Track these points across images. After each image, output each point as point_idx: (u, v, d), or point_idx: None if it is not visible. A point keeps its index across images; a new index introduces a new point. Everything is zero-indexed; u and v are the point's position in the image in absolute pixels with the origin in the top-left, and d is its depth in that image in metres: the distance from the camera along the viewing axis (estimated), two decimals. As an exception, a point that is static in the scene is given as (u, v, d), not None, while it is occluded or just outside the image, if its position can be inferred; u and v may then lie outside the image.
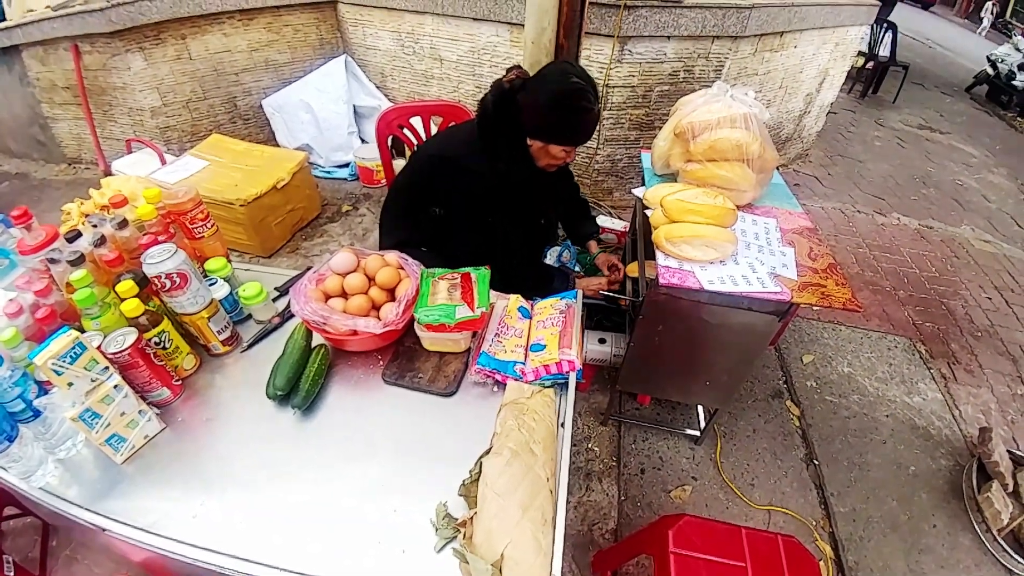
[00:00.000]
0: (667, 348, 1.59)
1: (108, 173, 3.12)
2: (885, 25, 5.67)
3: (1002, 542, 1.69)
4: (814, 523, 1.77)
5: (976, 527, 1.77)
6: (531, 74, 1.47)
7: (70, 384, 0.86)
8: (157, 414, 1.00)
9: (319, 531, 0.86)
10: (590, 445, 1.96)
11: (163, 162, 2.78)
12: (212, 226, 1.25)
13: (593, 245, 2.00)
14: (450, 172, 1.49)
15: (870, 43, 5.79)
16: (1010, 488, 1.79)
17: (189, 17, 3.07)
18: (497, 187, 1.49)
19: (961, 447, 2.07)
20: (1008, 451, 1.90)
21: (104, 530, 0.83)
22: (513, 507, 0.82)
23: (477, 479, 0.88)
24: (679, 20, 2.69)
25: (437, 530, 0.85)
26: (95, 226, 1.12)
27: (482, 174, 1.48)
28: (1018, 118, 6.49)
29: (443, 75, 3.45)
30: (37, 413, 0.91)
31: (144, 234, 1.11)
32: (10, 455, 0.88)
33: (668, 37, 2.76)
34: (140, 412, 0.95)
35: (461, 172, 1.48)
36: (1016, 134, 6.07)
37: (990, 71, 7.04)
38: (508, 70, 1.46)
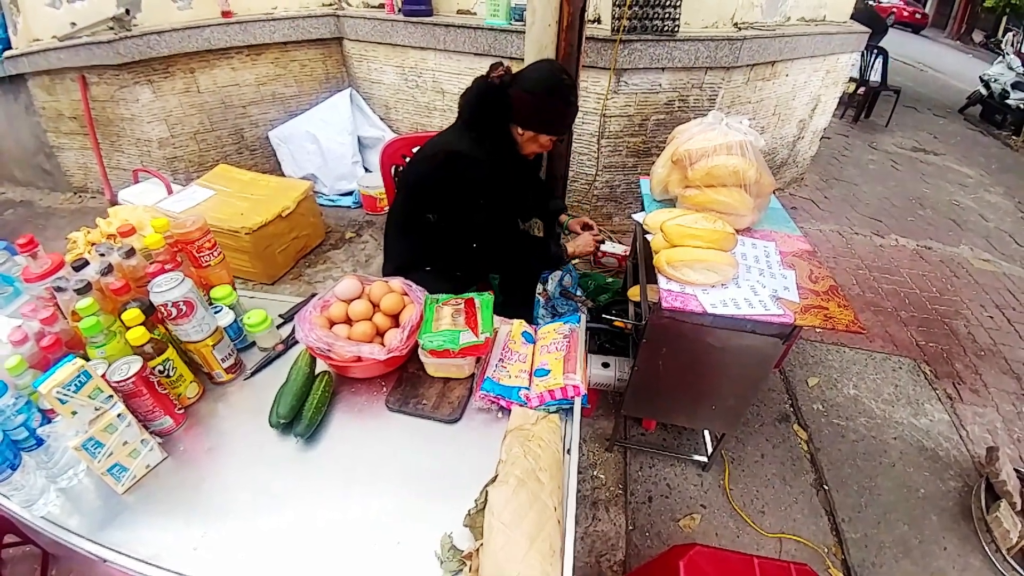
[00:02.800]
0: (671, 372, 1.58)
1: (114, 202, 3.18)
2: (876, 51, 5.83)
3: (1012, 561, 1.67)
4: (826, 550, 1.73)
5: (986, 547, 1.74)
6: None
7: (74, 413, 0.85)
8: (159, 443, 0.99)
9: (321, 564, 0.84)
10: (596, 472, 1.93)
11: (170, 192, 2.82)
12: (219, 254, 1.26)
13: (564, 217, 2.05)
14: (454, 164, 1.53)
15: (861, 69, 5.93)
16: (1018, 507, 1.76)
17: (198, 52, 3.17)
18: (492, 171, 1.56)
19: (969, 467, 2.04)
20: (1015, 470, 1.87)
21: (105, 561, 0.82)
22: (520, 538, 0.80)
23: (483, 509, 0.86)
24: (673, 53, 2.77)
25: (442, 563, 0.83)
26: (102, 255, 1.13)
27: (480, 160, 1.54)
28: (1013, 137, 6.58)
29: (445, 107, 3.54)
30: (40, 441, 0.90)
31: (151, 263, 1.12)
32: (12, 483, 0.87)
33: (662, 69, 2.84)
34: (142, 441, 0.94)
35: (465, 163, 1.53)
36: (1011, 153, 6.15)
37: (983, 91, 7.16)
38: (492, 67, 1.52)
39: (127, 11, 2.92)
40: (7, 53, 3.27)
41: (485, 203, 1.57)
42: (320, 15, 3.57)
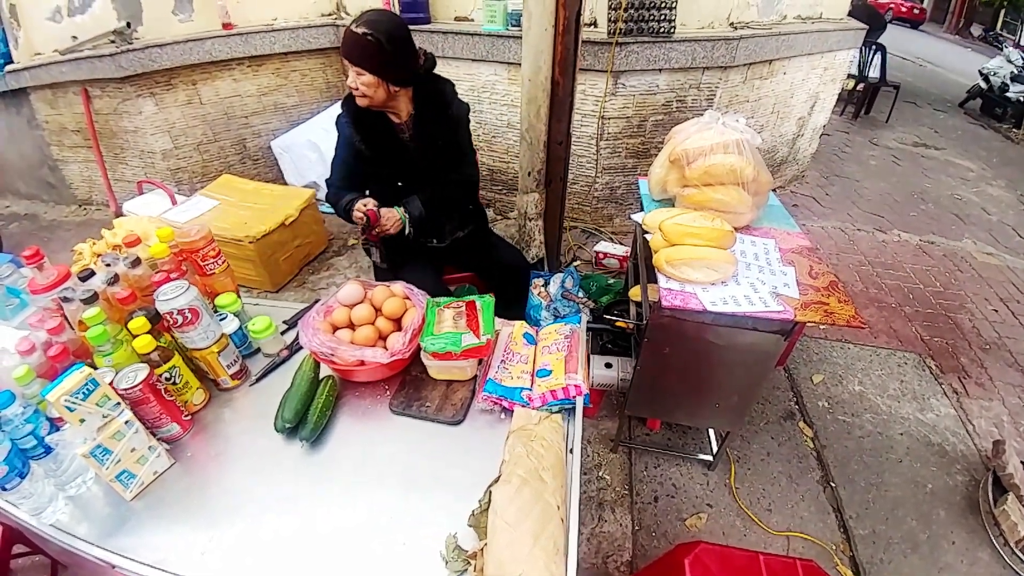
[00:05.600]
0: (674, 371, 1.59)
1: (119, 214, 3.20)
2: (874, 47, 5.82)
3: (1020, 554, 1.66)
4: (834, 547, 1.72)
5: (994, 541, 1.73)
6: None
7: (82, 420, 0.87)
8: (167, 449, 1.00)
9: (327, 566, 0.84)
10: (601, 473, 1.93)
11: (174, 202, 2.85)
12: (223, 262, 1.28)
13: None
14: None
15: (860, 65, 5.93)
16: (1027, 501, 1.75)
17: (200, 64, 3.21)
18: (351, 118, 1.60)
19: (976, 462, 2.03)
20: (1022, 462, 1.86)
21: (113, 567, 0.83)
22: (524, 536, 0.81)
23: (487, 509, 0.87)
24: (669, 54, 2.78)
25: (447, 563, 0.83)
26: (108, 265, 1.15)
27: (345, 100, 1.62)
28: (1014, 129, 6.55)
29: (444, 111, 3.55)
30: (48, 450, 0.91)
31: (157, 272, 1.14)
32: (21, 491, 0.88)
33: (660, 70, 2.86)
34: (150, 448, 0.95)
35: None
36: (1012, 145, 6.13)
37: (983, 85, 7.13)
38: None
39: (128, 24, 2.96)
40: (9, 67, 3.31)
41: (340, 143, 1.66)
42: (319, 25, 3.60)
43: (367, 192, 1.69)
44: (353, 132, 1.60)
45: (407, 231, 1.65)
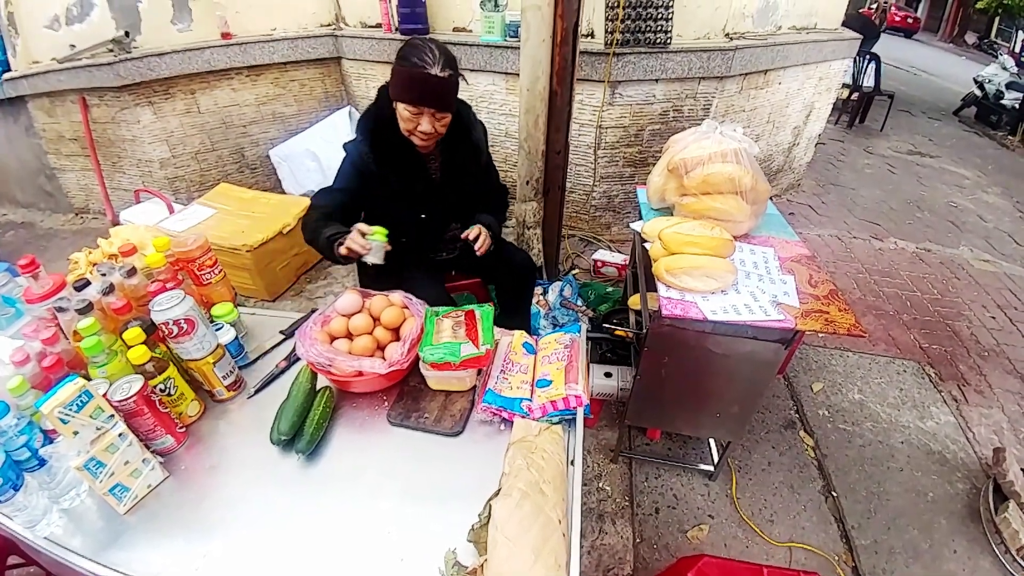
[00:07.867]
0: (674, 380, 1.58)
1: (116, 223, 3.19)
2: (868, 57, 5.89)
3: (1022, 562, 1.65)
4: (836, 557, 1.70)
5: (995, 549, 1.73)
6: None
7: (75, 433, 0.85)
8: (160, 462, 0.99)
9: (325, 581, 0.83)
10: (601, 484, 1.91)
11: (171, 211, 2.84)
12: (220, 272, 1.27)
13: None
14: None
15: (854, 75, 5.99)
16: (1028, 508, 1.74)
17: (198, 73, 3.22)
18: (369, 142, 1.49)
19: (977, 469, 2.02)
20: (1023, 470, 1.85)
21: (107, 583, 0.81)
22: (525, 551, 0.79)
23: (487, 523, 0.86)
24: (666, 64, 2.80)
25: (446, 579, 0.82)
26: (104, 275, 1.14)
27: (362, 123, 1.53)
28: (1009, 136, 6.60)
29: (442, 121, 3.57)
30: (42, 462, 0.90)
31: (152, 281, 1.13)
32: (15, 504, 0.87)
33: (656, 80, 2.88)
34: (144, 461, 0.94)
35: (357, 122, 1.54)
36: (1008, 153, 6.18)
37: (977, 92, 7.19)
38: None
39: (127, 33, 2.97)
40: (6, 75, 3.31)
41: (347, 169, 1.53)
42: (318, 35, 3.63)
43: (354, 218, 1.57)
44: (380, 169, 1.48)
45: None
